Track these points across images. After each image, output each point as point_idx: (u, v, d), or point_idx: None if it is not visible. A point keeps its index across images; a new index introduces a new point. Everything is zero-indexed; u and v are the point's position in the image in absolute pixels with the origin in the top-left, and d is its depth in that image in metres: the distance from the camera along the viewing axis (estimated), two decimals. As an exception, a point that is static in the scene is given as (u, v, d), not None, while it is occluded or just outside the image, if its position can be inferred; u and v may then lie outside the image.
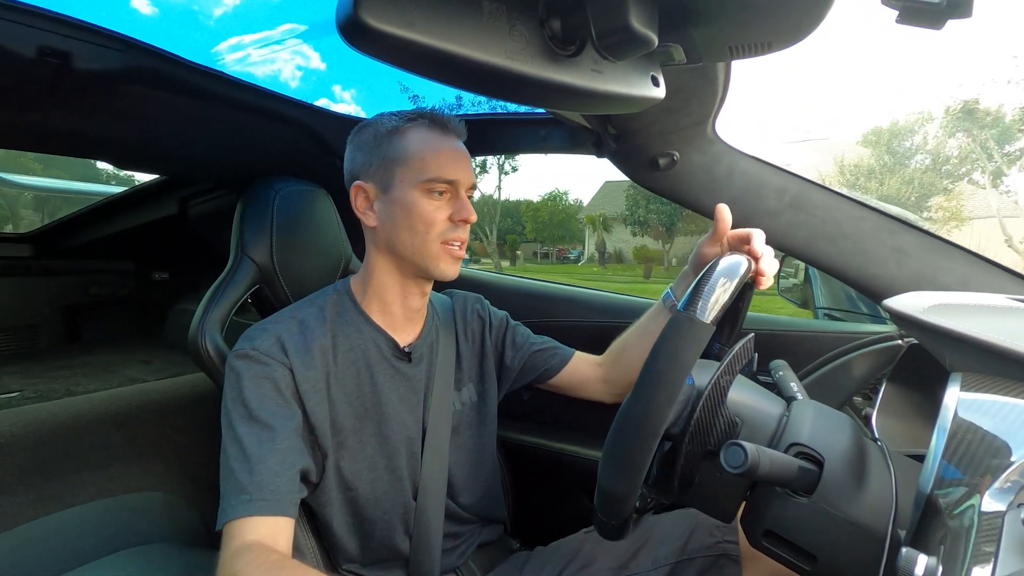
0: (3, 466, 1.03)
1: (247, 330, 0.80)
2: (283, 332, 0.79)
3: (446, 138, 0.82)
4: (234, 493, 0.70)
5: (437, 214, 0.80)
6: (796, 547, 0.53)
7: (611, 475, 0.53)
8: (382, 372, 0.84)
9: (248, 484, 0.70)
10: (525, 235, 30.06)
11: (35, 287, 2.03)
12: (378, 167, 0.81)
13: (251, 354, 0.76)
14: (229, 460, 0.72)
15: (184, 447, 1.26)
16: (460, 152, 0.82)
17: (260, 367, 0.76)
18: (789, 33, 0.53)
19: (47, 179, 7.46)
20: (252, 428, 0.73)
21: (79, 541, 1.01)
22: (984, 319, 0.66)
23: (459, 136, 0.84)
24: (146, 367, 1.86)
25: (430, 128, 0.81)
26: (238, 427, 0.73)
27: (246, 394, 0.74)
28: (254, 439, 0.72)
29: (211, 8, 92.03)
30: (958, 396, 0.54)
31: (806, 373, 1.12)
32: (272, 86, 10.09)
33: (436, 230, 0.80)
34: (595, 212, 27.88)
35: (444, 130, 0.82)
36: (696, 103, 0.80)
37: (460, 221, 0.81)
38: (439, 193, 0.80)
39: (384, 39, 0.37)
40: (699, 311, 0.51)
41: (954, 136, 22.58)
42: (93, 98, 0.86)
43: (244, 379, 0.75)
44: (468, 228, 0.84)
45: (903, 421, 0.91)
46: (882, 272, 0.82)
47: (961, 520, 0.44)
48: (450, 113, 0.85)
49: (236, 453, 0.72)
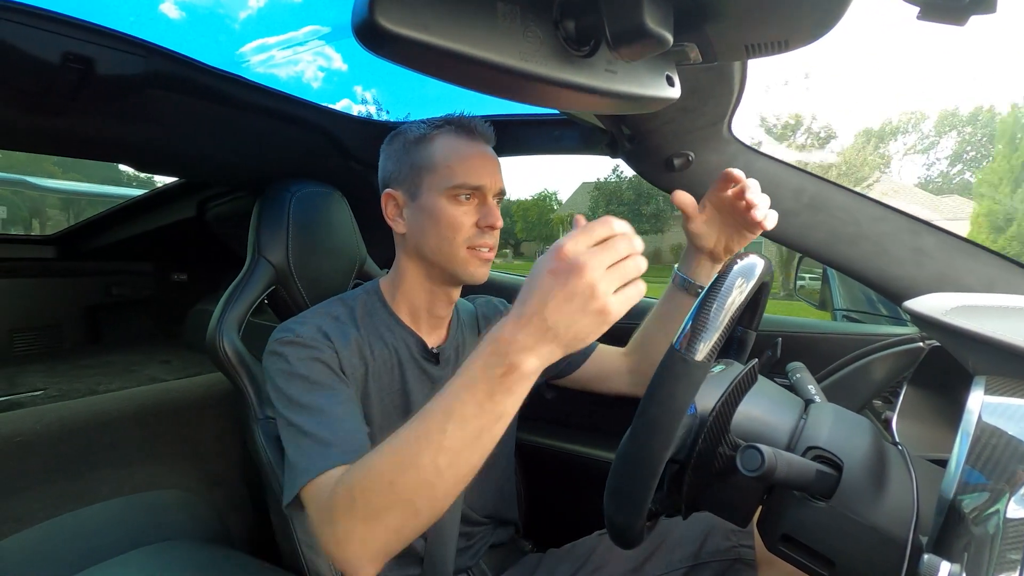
0: (28, 463, 1.06)
1: (282, 324, 0.81)
2: (323, 324, 0.80)
3: (472, 144, 0.82)
4: (316, 450, 0.67)
5: (464, 219, 0.80)
6: (814, 552, 0.53)
7: (614, 507, 0.53)
8: (411, 372, 0.86)
9: (332, 439, 0.68)
10: (515, 234, 30.84)
11: (59, 288, 2.07)
12: (407, 175, 0.82)
13: (296, 340, 0.77)
14: (302, 427, 0.69)
15: (202, 445, 1.28)
16: (487, 157, 0.82)
17: (308, 350, 0.76)
18: (807, 31, 0.52)
19: (68, 182, 7.62)
20: (318, 394, 0.73)
21: (99, 538, 1.03)
22: (1009, 321, 0.64)
23: (487, 141, 0.84)
24: (166, 367, 1.89)
25: (456, 134, 0.82)
26: (303, 398, 0.72)
27: (301, 371, 0.74)
28: (324, 402, 0.72)
29: (236, 12, 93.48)
30: (982, 400, 0.53)
31: (824, 375, 1.10)
32: (295, 87, 10.13)
33: (462, 235, 0.80)
34: (565, 213, 28.61)
35: (471, 136, 0.82)
36: (712, 103, 0.79)
37: (487, 227, 0.81)
38: (465, 198, 0.80)
39: (399, 42, 0.37)
40: (694, 351, 0.50)
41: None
42: (115, 102, 0.87)
43: (293, 360, 0.75)
44: (496, 234, 0.84)
45: (924, 425, 0.90)
46: (903, 273, 0.80)
47: (986, 527, 0.43)
48: (477, 118, 0.85)
49: (308, 419, 0.70)
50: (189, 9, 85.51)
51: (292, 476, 0.67)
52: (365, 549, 0.57)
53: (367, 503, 0.56)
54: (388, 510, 0.55)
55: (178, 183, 1.70)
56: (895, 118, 30.52)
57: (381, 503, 0.55)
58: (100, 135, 0.98)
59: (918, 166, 29.28)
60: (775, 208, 0.80)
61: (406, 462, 0.54)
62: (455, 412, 0.54)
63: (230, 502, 1.24)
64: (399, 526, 0.56)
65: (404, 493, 0.55)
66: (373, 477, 0.57)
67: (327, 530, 0.59)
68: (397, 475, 0.55)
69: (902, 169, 29.57)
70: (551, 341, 0.51)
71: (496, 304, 1.05)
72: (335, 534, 0.58)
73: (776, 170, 0.89)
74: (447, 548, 0.87)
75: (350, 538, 0.57)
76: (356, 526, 0.57)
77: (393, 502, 0.55)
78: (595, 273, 0.49)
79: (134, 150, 1.11)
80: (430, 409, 0.56)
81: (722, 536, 0.86)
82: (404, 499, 0.55)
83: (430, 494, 0.54)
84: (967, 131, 27.22)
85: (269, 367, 0.77)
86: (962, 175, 27.56)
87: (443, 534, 0.87)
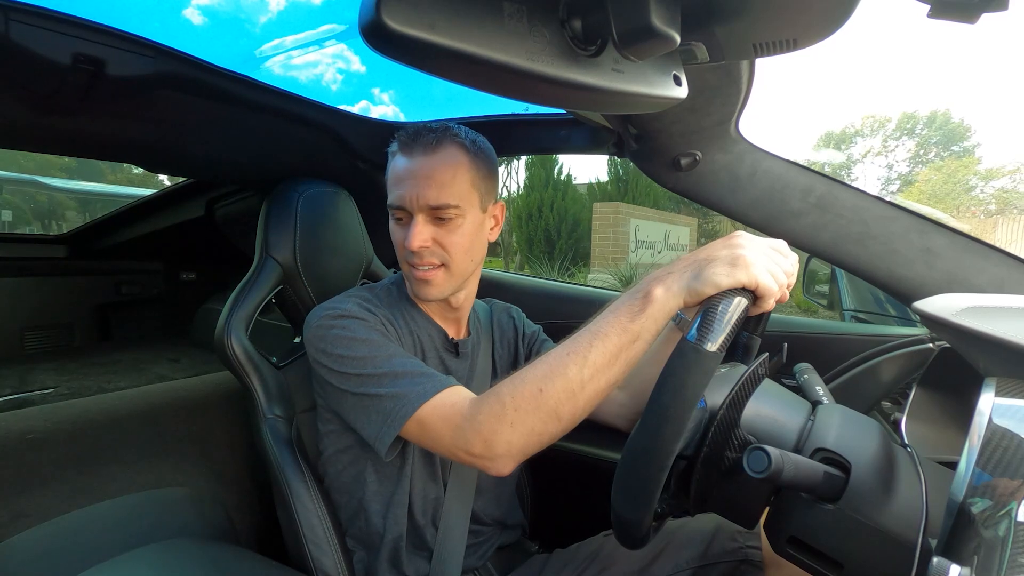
0: (39, 460, 1.07)
1: (321, 305, 0.83)
2: (361, 301, 0.83)
3: (405, 159, 0.80)
4: (420, 379, 0.73)
5: (399, 238, 0.82)
6: (822, 555, 0.52)
7: (622, 502, 0.53)
8: (432, 361, 0.88)
9: (427, 370, 0.75)
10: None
11: (70, 287, 2.10)
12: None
13: (348, 313, 0.79)
14: (393, 370, 0.74)
15: (210, 443, 1.29)
16: (412, 173, 0.78)
17: (362, 321, 0.79)
18: (816, 29, 0.51)
19: (77, 182, 7.72)
20: (392, 347, 0.77)
21: (108, 534, 1.04)
22: (1020, 322, 0.63)
23: (425, 152, 0.79)
24: (174, 365, 1.90)
25: (400, 151, 0.81)
26: (378, 351, 0.76)
27: (362, 335, 0.77)
28: (400, 351, 0.77)
29: (257, 16, 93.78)
30: (993, 401, 0.52)
31: (832, 376, 1.10)
32: (315, 89, 10.12)
33: (401, 254, 0.83)
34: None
35: (406, 151, 0.80)
36: (719, 102, 0.78)
37: (407, 247, 0.79)
38: (397, 219, 0.82)
39: (405, 42, 0.37)
40: (706, 340, 0.50)
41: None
42: (125, 103, 0.88)
43: (354, 328, 0.78)
44: (426, 254, 0.80)
45: (934, 427, 0.89)
46: (912, 274, 0.79)
47: (996, 529, 0.42)
48: (423, 125, 0.81)
49: (395, 362, 0.75)
50: (211, 14, 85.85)
51: (399, 407, 0.71)
52: (510, 448, 0.65)
53: (516, 407, 0.65)
54: (534, 413, 0.64)
55: (187, 183, 1.72)
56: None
57: (529, 407, 0.64)
58: (110, 136, 0.99)
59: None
60: (782, 208, 0.79)
61: (555, 372, 0.64)
62: (600, 332, 0.63)
63: (237, 500, 1.25)
64: (541, 430, 0.65)
65: (550, 400, 0.64)
66: (525, 384, 0.65)
67: (470, 435, 0.67)
68: (546, 383, 0.64)
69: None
70: (683, 272, 0.62)
71: (511, 312, 1.06)
72: (481, 435, 0.66)
73: (784, 170, 0.89)
74: (456, 547, 0.87)
75: (497, 439, 0.65)
76: (503, 428, 0.65)
77: (539, 406, 0.64)
78: (752, 245, 0.61)
79: (143, 150, 1.12)
80: (581, 332, 0.65)
81: (728, 538, 0.86)
82: (549, 406, 0.64)
83: (572, 403, 0.63)
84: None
85: (324, 340, 0.78)
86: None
87: (453, 533, 0.87)
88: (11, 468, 1.03)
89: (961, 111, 28.17)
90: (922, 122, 27.85)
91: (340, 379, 0.76)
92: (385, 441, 0.72)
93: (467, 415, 0.68)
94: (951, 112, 27.16)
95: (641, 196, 11.44)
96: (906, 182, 27.18)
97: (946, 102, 57.04)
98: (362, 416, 0.75)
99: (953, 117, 26.98)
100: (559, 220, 10.72)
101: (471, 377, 0.93)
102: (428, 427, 0.71)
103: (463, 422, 0.68)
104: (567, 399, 0.63)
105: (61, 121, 0.89)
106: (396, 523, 0.85)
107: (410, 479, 0.85)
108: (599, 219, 10.20)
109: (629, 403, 0.97)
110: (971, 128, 26.93)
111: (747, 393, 0.56)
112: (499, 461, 0.67)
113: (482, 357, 0.96)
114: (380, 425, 0.73)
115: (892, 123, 28.98)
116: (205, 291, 2.36)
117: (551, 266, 9.36)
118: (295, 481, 0.88)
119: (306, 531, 0.85)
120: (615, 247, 9.99)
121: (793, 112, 69.95)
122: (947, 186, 23.68)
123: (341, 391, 0.76)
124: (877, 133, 29.40)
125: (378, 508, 0.85)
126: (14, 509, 1.00)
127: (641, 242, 10.62)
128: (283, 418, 0.93)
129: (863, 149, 29.85)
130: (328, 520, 0.87)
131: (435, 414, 0.70)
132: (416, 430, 0.72)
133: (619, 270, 8.69)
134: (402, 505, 0.85)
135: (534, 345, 1.04)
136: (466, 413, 0.68)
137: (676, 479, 0.57)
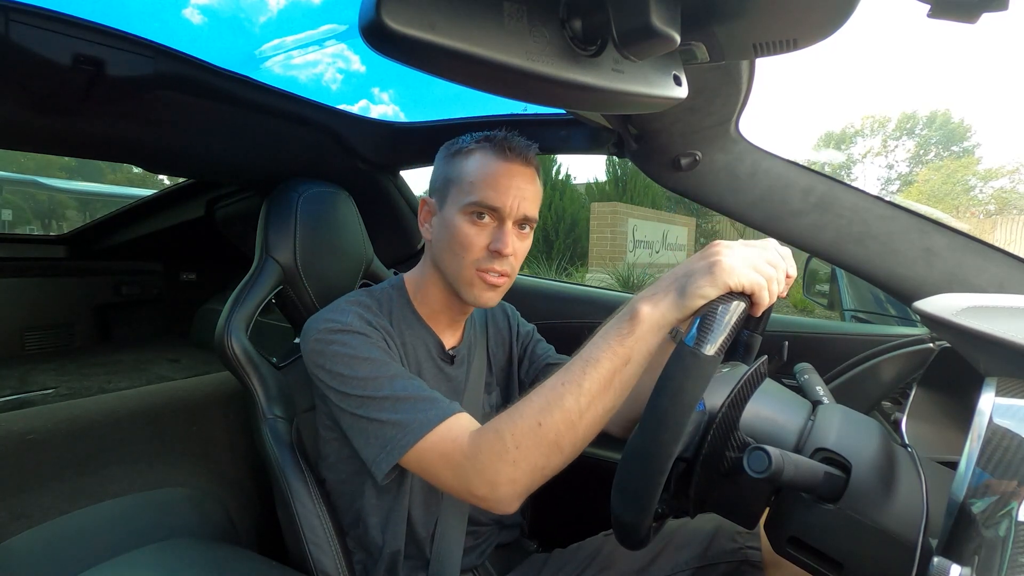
0: (39, 461, 1.07)
1: (318, 316, 0.81)
2: (363, 313, 0.81)
3: (502, 163, 0.79)
4: (424, 405, 0.71)
5: (476, 240, 0.79)
6: (822, 555, 0.52)
7: (622, 505, 0.53)
8: (429, 370, 0.87)
9: (432, 395, 0.73)
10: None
11: (70, 287, 2.10)
12: (441, 184, 0.83)
13: (348, 328, 0.77)
14: (394, 393, 0.72)
15: (210, 444, 1.29)
16: (514, 179, 0.79)
17: (363, 336, 0.77)
18: (816, 29, 0.51)
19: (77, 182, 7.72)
20: (394, 367, 0.76)
21: (108, 535, 1.04)
22: (1020, 322, 0.63)
23: (523, 162, 0.80)
24: (174, 365, 1.90)
25: (491, 151, 0.80)
26: (380, 371, 0.74)
27: (364, 354, 0.75)
28: (402, 371, 0.76)
29: (256, 16, 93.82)
30: (993, 401, 0.52)
31: (833, 376, 1.10)
32: (315, 89, 10.10)
33: (471, 256, 0.79)
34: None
35: (503, 155, 0.79)
36: (719, 102, 0.78)
37: (495, 251, 0.79)
38: (479, 217, 0.79)
39: (405, 42, 0.37)
40: (704, 344, 0.50)
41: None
42: (125, 103, 0.88)
43: (354, 346, 0.76)
44: (509, 260, 0.81)
45: (934, 427, 0.89)
46: (912, 273, 0.79)
47: (997, 529, 0.42)
48: (521, 139, 0.82)
49: (398, 385, 0.73)
50: (211, 14, 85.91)
51: (399, 436, 0.70)
52: (515, 487, 0.64)
53: (517, 444, 0.63)
54: (535, 448, 0.63)
55: (187, 183, 1.72)
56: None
57: (530, 443, 0.63)
58: (110, 136, 0.99)
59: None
60: (783, 208, 0.79)
61: (552, 404, 0.63)
62: (591, 359, 0.62)
63: (238, 500, 1.25)
64: (544, 464, 0.63)
65: (550, 433, 0.62)
66: (524, 419, 0.64)
67: (472, 476, 0.65)
68: (544, 416, 0.63)
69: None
70: (668, 290, 0.61)
71: (507, 310, 1.06)
72: (484, 477, 0.65)
73: (784, 170, 0.89)
74: (454, 547, 0.87)
75: (500, 479, 0.64)
76: (505, 468, 0.63)
77: (540, 441, 0.63)
78: (728, 250, 0.59)
79: (143, 151, 1.12)
80: (572, 361, 0.64)
81: (728, 538, 0.86)
82: (550, 439, 0.62)
83: (572, 433, 0.62)
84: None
85: (323, 356, 0.76)
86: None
87: (450, 534, 0.87)
88: (11, 468, 1.03)
89: (961, 111, 28.10)
90: (922, 122, 28.04)
91: (339, 397, 0.75)
92: (383, 468, 0.71)
93: (468, 453, 0.66)
94: (951, 112, 27.44)
95: (639, 196, 11.43)
96: (906, 182, 27.33)
97: (946, 102, 57.19)
98: (360, 437, 0.74)
99: (953, 117, 27.23)
100: (557, 220, 10.69)
101: (467, 380, 0.92)
102: (428, 463, 0.69)
103: (464, 460, 0.66)
104: (567, 430, 0.62)
105: (61, 121, 0.89)
106: (395, 538, 0.84)
107: (409, 495, 0.84)
108: (597, 219, 10.18)
109: (623, 411, 0.97)
110: (971, 128, 27.18)
111: (747, 394, 0.56)
112: (504, 502, 0.65)
113: (477, 360, 0.95)
114: (378, 451, 0.71)
115: (892, 123, 29.20)
116: (205, 292, 2.35)
117: (549, 265, 9.34)
118: (295, 481, 0.87)
119: (306, 531, 0.85)
120: (613, 247, 9.98)
121: (793, 112, 70.13)
122: (946, 186, 23.76)
123: (340, 408, 0.75)
124: (877, 133, 29.59)
125: (377, 521, 0.85)
126: (14, 509, 1.00)
127: (639, 242, 10.61)
128: (283, 418, 0.93)
129: (863, 149, 30.11)
130: (328, 520, 0.87)
131: (435, 450, 0.69)
132: (416, 462, 0.70)
133: (617, 270, 8.67)
134: (401, 521, 0.84)
135: (528, 345, 1.03)
136: (467, 451, 0.66)
137: (676, 480, 0.57)
